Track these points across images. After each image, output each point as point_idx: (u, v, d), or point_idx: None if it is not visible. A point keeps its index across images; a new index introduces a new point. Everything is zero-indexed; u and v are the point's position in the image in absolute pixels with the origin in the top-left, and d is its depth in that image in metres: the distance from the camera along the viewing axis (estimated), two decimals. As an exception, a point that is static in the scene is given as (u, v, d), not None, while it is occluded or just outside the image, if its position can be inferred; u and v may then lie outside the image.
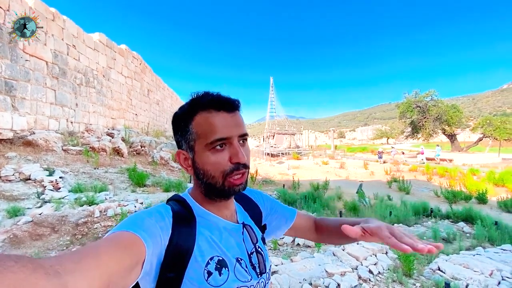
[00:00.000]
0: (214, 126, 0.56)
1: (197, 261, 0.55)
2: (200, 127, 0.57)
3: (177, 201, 0.63)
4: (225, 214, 0.64)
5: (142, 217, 0.52)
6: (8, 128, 6.31)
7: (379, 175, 13.69)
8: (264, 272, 0.65)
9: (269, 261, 0.69)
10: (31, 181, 5.24)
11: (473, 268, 3.03)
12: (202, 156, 0.58)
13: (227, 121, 0.57)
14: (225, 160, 0.57)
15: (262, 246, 0.69)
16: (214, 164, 0.57)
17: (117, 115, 12.12)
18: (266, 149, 26.50)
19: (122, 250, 0.42)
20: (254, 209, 0.75)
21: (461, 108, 26.19)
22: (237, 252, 0.61)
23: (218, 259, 0.57)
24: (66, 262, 0.34)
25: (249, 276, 0.60)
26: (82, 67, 9.36)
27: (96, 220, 4.01)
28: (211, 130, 0.56)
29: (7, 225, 3.80)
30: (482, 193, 7.32)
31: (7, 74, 6.30)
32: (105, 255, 0.39)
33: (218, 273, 0.55)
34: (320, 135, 71.84)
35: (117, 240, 0.44)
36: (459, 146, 25.45)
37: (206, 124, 0.57)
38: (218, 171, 0.57)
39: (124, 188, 6.08)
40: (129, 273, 0.43)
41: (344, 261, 3.19)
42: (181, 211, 0.59)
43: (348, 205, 6.20)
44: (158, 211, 0.56)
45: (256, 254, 0.65)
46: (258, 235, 0.69)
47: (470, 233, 4.67)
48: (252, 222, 0.71)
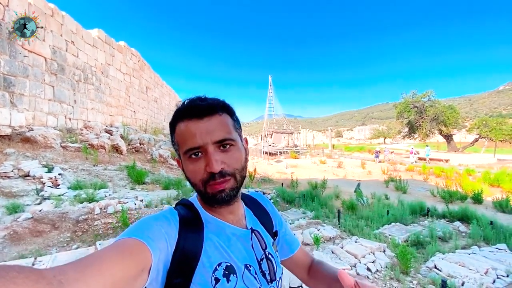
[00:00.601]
0: (186, 135, 0.56)
1: (204, 267, 0.54)
2: (179, 137, 0.58)
3: (185, 205, 0.62)
4: (230, 219, 0.63)
5: (148, 223, 0.52)
6: (6, 124, 6.27)
7: (376, 174, 13.79)
8: (274, 280, 0.63)
9: (280, 268, 0.67)
10: (30, 178, 5.23)
11: (469, 266, 3.09)
12: (184, 165, 0.59)
13: (199, 128, 0.55)
14: (201, 169, 0.56)
15: (273, 253, 0.67)
16: (193, 173, 0.57)
17: (116, 112, 12.08)
18: (264, 148, 26.55)
19: (127, 257, 0.42)
20: (265, 215, 0.74)
21: (458, 109, 26.37)
22: (245, 258, 0.60)
23: (226, 265, 0.56)
24: (69, 272, 0.34)
25: (258, 283, 0.59)
26: (80, 63, 9.31)
27: (96, 217, 4.02)
28: (184, 140, 0.56)
29: (6, 221, 3.80)
30: (478, 193, 7.42)
31: (6, 70, 6.26)
32: (109, 263, 0.39)
33: (226, 279, 0.54)
34: (318, 134, 72.03)
35: (122, 248, 0.43)
36: (455, 147, 25.67)
37: (181, 134, 0.57)
38: (197, 179, 0.57)
39: (123, 186, 6.08)
40: (135, 280, 0.42)
41: (342, 259, 3.23)
42: (188, 216, 0.59)
43: (346, 204, 6.26)
44: (165, 216, 0.56)
45: (266, 260, 0.63)
46: (268, 241, 0.67)
47: (465, 232, 4.74)
48: (262, 228, 0.69)
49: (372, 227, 4.83)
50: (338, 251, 3.41)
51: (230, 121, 0.60)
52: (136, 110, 14.75)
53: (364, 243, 3.69)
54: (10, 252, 3.26)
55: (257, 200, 0.77)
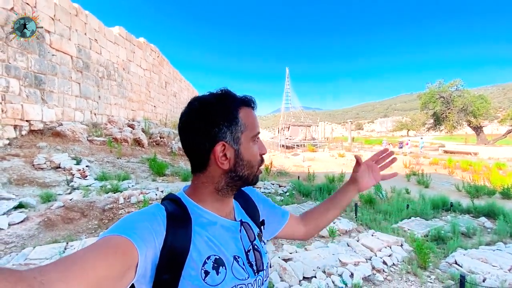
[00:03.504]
0: (254, 121, 0.63)
1: (194, 261, 0.54)
2: (247, 119, 0.62)
3: (172, 200, 0.62)
4: (225, 211, 0.65)
5: (134, 220, 0.51)
6: (38, 119, 6.73)
7: (397, 168, 13.35)
8: (261, 270, 0.65)
9: (266, 258, 0.70)
10: (61, 169, 5.62)
11: (492, 262, 2.97)
12: (248, 148, 0.62)
13: (256, 118, 0.65)
14: (258, 152, 0.65)
15: (259, 244, 0.69)
16: (256, 156, 0.64)
17: (137, 107, 12.53)
18: (281, 141, 26.46)
19: (112, 255, 0.41)
20: (252, 206, 0.76)
21: (489, 99, 24.73)
22: (234, 250, 0.61)
23: (215, 258, 0.57)
24: (51, 272, 0.33)
25: (246, 274, 0.60)
26: (103, 60, 9.71)
27: (120, 206, 4.27)
28: (254, 123, 0.63)
29: (41, 209, 4.14)
30: (507, 188, 7.01)
31: (36, 68, 6.68)
32: (93, 262, 0.38)
33: (215, 272, 0.55)
34: (337, 127, 70.54)
35: (106, 245, 0.43)
36: (485, 139, 24.18)
37: (250, 118, 0.62)
38: (256, 162, 0.64)
39: (145, 177, 6.37)
40: (121, 278, 0.42)
41: (358, 252, 3.22)
42: (175, 211, 0.58)
43: (364, 197, 6.15)
44: (151, 212, 0.55)
45: (253, 251, 0.65)
46: (255, 232, 0.70)
47: (491, 228, 4.52)
48: (249, 219, 0.72)
49: (391, 221, 4.73)
50: (354, 244, 3.40)
51: None
52: (156, 105, 15.20)
53: (381, 236, 3.64)
54: (45, 237, 3.56)
55: (244, 191, 0.78)
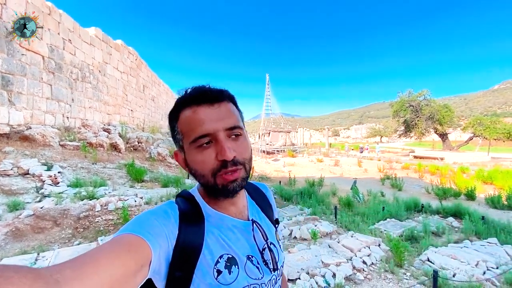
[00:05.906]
0: (195, 122, 0.54)
1: (206, 260, 0.54)
2: (184, 125, 0.55)
3: (185, 198, 0.61)
4: (232, 211, 0.62)
5: (146, 218, 0.51)
6: (5, 122, 6.27)
7: (372, 172, 13.96)
8: (276, 269, 0.64)
9: (282, 256, 0.68)
10: (30, 176, 5.25)
11: (460, 259, 3.21)
12: (190, 155, 0.56)
13: (209, 115, 0.54)
14: (211, 158, 0.54)
15: (275, 242, 0.67)
16: (202, 163, 0.54)
17: (113, 111, 12.06)
18: (262, 147, 26.65)
19: (125, 253, 0.41)
20: (267, 204, 0.75)
21: (453, 108, 26.73)
22: (247, 249, 0.60)
23: (228, 257, 0.56)
24: (66, 270, 0.34)
25: (261, 274, 0.59)
26: (78, 62, 9.29)
27: (97, 214, 4.08)
28: (193, 127, 0.54)
29: (8, 218, 3.83)
30: (471, 190, 7.59)
31: (4, 68, 6.25)
32: (106, 260, 0.38)
33: (227, 271, 0.55)
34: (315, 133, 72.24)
35: (119, 244, 0.43)
36: (450, 145, 26.01)
37: (188, 121, 0.54)
38: (206, 170, 0.54)
39: (122, 184, 6.13)
40: (134, 276, 0.42)
41: (339, 253, 3.33)
42: (188, 209, 0.58)
43: (343, 200, 6.37)
44: (164, 210, 0.55)
45: (268, 250, 0.64)
46: (270, 231, 0.68)
47: (458, 227, 4.88)
48: (264, 217, 0.70)
49: (368, 222, 4.95)
50: (335, 245, 3.51)
51: (236, 110, 0.60)
52: (134, 108, 14.73)
53: (360, 237, 3.80)
54: (12, 248, 3.31)
55: (260, 188, 0.77)
